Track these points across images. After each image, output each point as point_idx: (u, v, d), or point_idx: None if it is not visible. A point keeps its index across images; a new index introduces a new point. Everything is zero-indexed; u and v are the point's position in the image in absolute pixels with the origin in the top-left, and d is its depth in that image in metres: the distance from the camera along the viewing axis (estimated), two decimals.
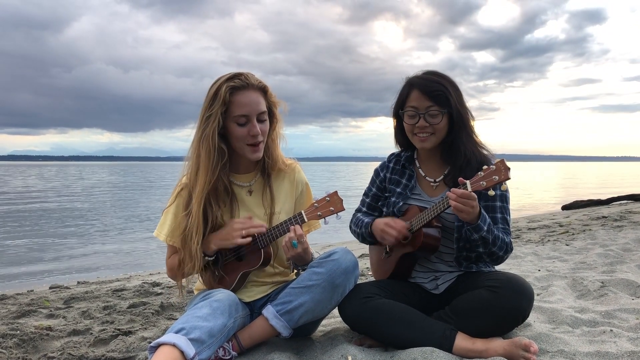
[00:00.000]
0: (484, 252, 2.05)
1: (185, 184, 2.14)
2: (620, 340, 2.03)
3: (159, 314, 3.16)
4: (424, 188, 2.29)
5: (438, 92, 2.09)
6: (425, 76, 2.16)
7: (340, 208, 2.04)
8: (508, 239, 2.08)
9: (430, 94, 2.09)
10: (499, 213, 2.13)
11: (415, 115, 2.14)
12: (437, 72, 2.18)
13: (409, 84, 2.18)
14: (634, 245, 4.76)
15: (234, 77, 2.03)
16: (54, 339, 2.64)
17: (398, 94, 2.24)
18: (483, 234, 1.96)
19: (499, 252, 2.05)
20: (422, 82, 2.13)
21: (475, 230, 1.96)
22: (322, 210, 2.04)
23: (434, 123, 2.12)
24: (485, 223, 1.97)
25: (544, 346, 2.02)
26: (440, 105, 2.10)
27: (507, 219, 2.15)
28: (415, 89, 2.13)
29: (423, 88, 2.11)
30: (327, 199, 2.05)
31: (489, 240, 1.99)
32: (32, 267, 7.15)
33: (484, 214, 1.97)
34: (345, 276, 2.04)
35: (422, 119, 2.12)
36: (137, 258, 7.94)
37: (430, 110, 2.10)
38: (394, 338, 2.00)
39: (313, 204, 2.05)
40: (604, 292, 2.86)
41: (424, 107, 2.11)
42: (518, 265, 4.15)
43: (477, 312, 1.96)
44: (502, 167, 1.85)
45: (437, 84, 2.11)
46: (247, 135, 2.05)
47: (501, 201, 2.15)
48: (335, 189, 2.08)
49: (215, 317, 1.83)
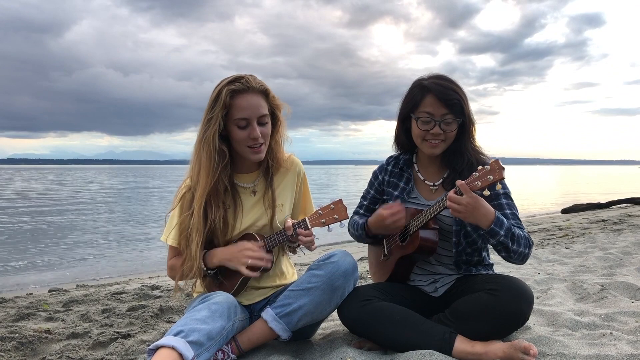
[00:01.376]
0: (508, 255, 1.99)
1: (189, 187, 2.16)
2: (620, 343, 2.03)
3: (158, 317, 3.15)
4: (421, 192, 2.29)
5: (455, 100, 2.06)
6: (441, 82, 2.11)
7: (345, 216, 2.05)
8: (525, 233, 2.03)
9: (447, 102, 2.06)
10: (507, 209, 2.10)
11: (430, 122, 2.09)
12: (449, 78, 2.14)
13: (423, 88, 2.12)
14: (634, 249, 4.75)
15: (235, 80, 2.04)
16: (52, 342, 2.63)
17: (409, 96, 2.19)
18: (501, 238, 1.92)
19: (524, 250, 2.00)
20: (439, 89, 2.08)
21: (491, 236, 1.92)
22: (325, 217, 2.05)
23: (448, 131, 2.10)
24: (502, 228, 1.91)
25: (544, 349, 2.02)
26: (455, 114, 2.08)
27: (516, 213, 2.12)
28: (431, 95, 2.09)
29: (440, 95, 2.07)
30: (332, 206, 2.05)
31: (509, 244, 1.94)
32: (31, 271, 7.14)
33: (500, 218, 1.92)
34: (345, 279, 2.04)
35: (438, 126, 2.08)
36: (137, 261, 7.93)
37: (446, 119, 2.08)
38: (393, 341, 1.99)
39: (317, 211, 2.07)
40: (603, 295, 2.86)
41: (439, 114, 2.08)
42: (518, 269, 4.14)
43: (476, 315, 1.95)
44: (496, 167, 1.85)
45: (453, 92, 2.07)
46: (247, 138, 2.05)
47: (506, 198, 2.13)
48: (340, 197, 2.09)
49: (214, 320, 1.83)
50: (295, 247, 2.22)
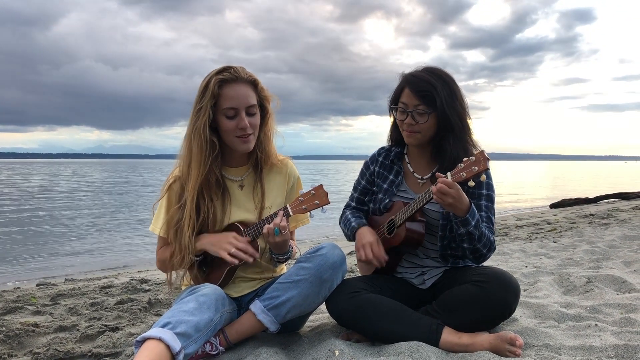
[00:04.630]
0: (468, 248, 2.05)
1: (177, 177, 2.14)
2: (605, 334, 2.05)
3: (147, 310, 3.14)
4: (410, 185, 2.29)
5: (426, 92, 2.08)
6: (419, 74, 2.15)
7: (325, 201, 2.04)
8: (492, 237, 2.09)
9: (418, 93, 2.09)
10: (484, 212, 2.13)
11: (404, 112, 2.15)
12: (433, 70, 2.16)
13: (402, 80, 2.19)
14: (620, 242, 4.81)
15: (223, 70, 2.04)
16: (40, 335, 2.62)
17: (394, 90, 2.24)
18: (470, 228, 1.97)
19: (483, 250, 2.06)
20: (414, 80, 2.12)
21: (462, 224, 1.97)
22: (307, 204, 2.04)
23: (420, 122, 2.12)
24: (474, 218, 1.97)
25: (530, 340, 2.04)
26: (427, 105, 2.09)
27: (492, 218, 2.16)
28: (407, 87, 2.14)
29: (413, 86, 2.11)
30: (312, 192, 2.04)
31: (475, 236, 1.99)
32: (18, 264, 7.08)
33: (473, 209, 1.98)
34: (333, 271, 2.04)
35: (410, 117, 2.13)
36: (126, 255, 7.89)
37: (417, 109, 2.11)
38: (380, 333, 2.00)
39: (298, 197, 2.05)
40: (589, 288, 2.89)
41: (412, 105, 2.12)
42: (505, 262, 4.18)
43: (463, 306, 1.97)
44: (481, 158, 1.86)
45: (426, 83, 2.09)
46: (235, 128, 2.05)
47: (486, 200, 2.16)
48: (320, 183, 2.08)
49: (201, 312, 1.83)
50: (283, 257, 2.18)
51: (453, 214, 1.97)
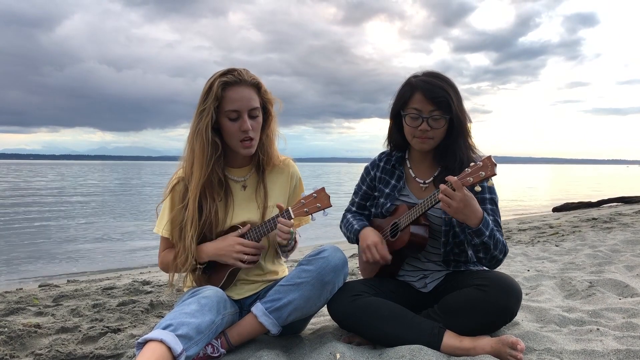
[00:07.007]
0: (484, 258, 2.04)
1: (181, 177, 2.16)
2: (607, 339, 2.05)
3: (149, 312, 3.14)
4: (412, 189, 2.29)
5: (441, 97, 2.07)
6: (429, 79, 2.12)
7: (327, 204, 2.05)
8: (503, 240, 2.08)
9: (434, 99, 2.07)
10: (491, 215, 2.13)
11: (417, 118, 2.11)
12: (440, 75, 2.15)
13: (412, 86, 2.14)
14: (623, 247, 4.80)
15: (227, 72, 2.05)
16: (42, 336, 2.62)
17: (399, 94, 2.21)
18: (485, 239, 1.95)
19: (500, 256, 2.05)
20: (426, 86, 2.09)
21: (476, 235, 1.95)
22: (309, 206, 2.04)
23: (435, 127, 2.10)
24: (488, 228, 1.95)
25: (532, 344, 2.04)
26: (442, 110, 2.09)
27: (499, 220, 2.15)
28: (419, 92, 2.10)
29: (427, 92, 2.08)
30: (314, 195, 2.05)
31: (490, 246, 1.98)
32: (21, 265, 7.10)
33: (487, 219, 1.95)
34: (335, 274, 2.04)
35: (425, 123, 2.10)
36: (128, 256, 7.90)
37: (433, 115, 2.09)
38: (382, 336, 2.00)
39: (300, 200, 2.06)
40: (591, 292, 2.89)
41: (427, 111, 2.09)
42: (508, 266, 4.17)
43: (465, 310, 1.96)
44: (488, 163, 1.85)
45: (440, 89, 2.08)
46: (238, 131, 2.06)
47: (491, 204, 2.15)
48: (322, 186, 2.09)
49: (203, 314, 1.83)
50: (287, 250, 2.22)
51: (466, 225, 1.95)
